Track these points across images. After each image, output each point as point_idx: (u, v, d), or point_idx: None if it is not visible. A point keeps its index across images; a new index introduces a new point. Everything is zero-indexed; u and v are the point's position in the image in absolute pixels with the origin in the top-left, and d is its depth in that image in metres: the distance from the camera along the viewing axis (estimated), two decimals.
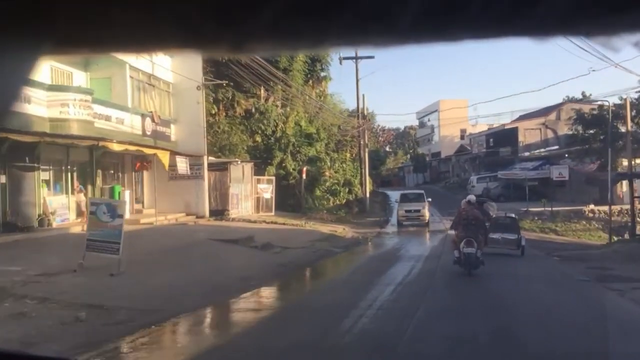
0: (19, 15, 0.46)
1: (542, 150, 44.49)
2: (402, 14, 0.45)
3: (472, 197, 14.24)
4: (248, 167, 29.77)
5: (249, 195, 29.73)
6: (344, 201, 38.85)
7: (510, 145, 48.52)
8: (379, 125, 54.10)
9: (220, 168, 27.66)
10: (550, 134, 47.26)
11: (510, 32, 0.48)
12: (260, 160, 33.48)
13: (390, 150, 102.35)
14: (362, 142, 39.58)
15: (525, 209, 33.21)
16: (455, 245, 13.24)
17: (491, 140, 55.38)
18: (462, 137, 73.52)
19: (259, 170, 32.30)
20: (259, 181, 30.51)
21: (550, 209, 33.71)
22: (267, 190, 30.49)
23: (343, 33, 0.47)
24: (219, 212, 26.65)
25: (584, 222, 31.76)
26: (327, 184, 38.73)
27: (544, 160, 41.96)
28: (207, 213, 26.02)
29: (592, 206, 33.51)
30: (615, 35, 0.47)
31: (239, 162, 28.75)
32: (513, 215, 21.14)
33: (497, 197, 43.58)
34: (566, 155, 38.69)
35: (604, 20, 0.46)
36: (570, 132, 45.97)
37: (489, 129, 54.27)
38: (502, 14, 0.46)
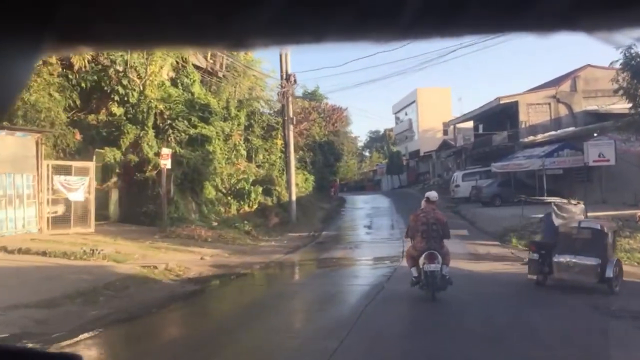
0: (18, 10, 0.45)
1: (553, 133, 30.98)
2: (403, 10, 0.45)
3: (432, 194, 10.23)
4: (29, 142, 15.85)
5: (35, 196, 15.86)
6: (255, 208, 25.15)
7: (508, 128, 35.05)
8: (327, 103, 40.31)
9: None
10: (563, 111, 33.93)
11: (511, 28, 0.48)
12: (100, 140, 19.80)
13: (369, 154, 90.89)
14: (286, 118, 25.91)
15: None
16: (412, 262, 9.74)
17: (481, 126, 41.96)
18: (445, 133, 60.87)
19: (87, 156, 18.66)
20: (58, 171, 16.66)
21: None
22: (76, 189, 16.67)
23: (344, 28, 0.47)
24: None
25: None
26: (232, 181, 25.03)
27: (560, 142, 28.48)
28: None
29: None
30: (617, 30, 0.47)
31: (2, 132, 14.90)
32: (596, 226, 11.10)
33: (491, 198, 30.10)
34: (595, 134, 25.16)
35: (606, 16, 0.46)
36: (594, 109, 32.67)
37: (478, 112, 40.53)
38: (503, 9, 0.46)
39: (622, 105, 32.69)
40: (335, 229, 25.96)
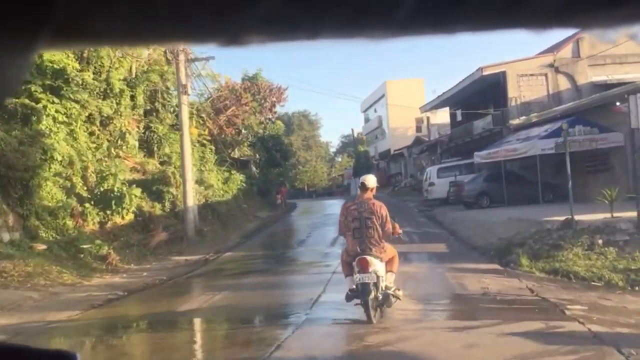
0: (13, 5, 0.45)
1: (557, 109, 23.28)
2: (398, 6, 0.46)
3: (368, 178, 7.52)
4: None
5: None
6: (131, 218, 16.93)
7: (493, 107, 27.32)
8: (262, 82, 32.21)
9: None
10: (564, 83, 26.31)
11: (507, 25, 0.49)
12: None
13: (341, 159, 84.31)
14: (180, 89, 17.76)
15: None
16: (347, 269, 7.42)
17: (459, 112, 34.30)
18: (418, 129, 53.63)
19: None
20: None
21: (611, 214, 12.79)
22: None
23: (339, 25, 0.48)
24: None
25: None
26: (93, 180, 16.83)
27: (566, 118, 20.78)
28: None
29: None
30: (612, 27, 0.48)
31: None
32: None
33: (476, 198, 22.28)
34: (618, 103, 17.41)
35: (600, 13, 0.47)
36: (603, 79, 25.15)
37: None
38: (499, 6, 0.47)
39: (638, 74, 25.46)
40: (252, 247, 17.85)
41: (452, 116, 36.36)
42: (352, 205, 7.36)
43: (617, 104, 17.67)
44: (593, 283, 10.40)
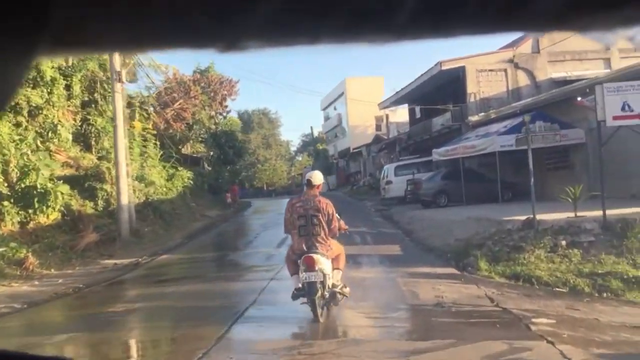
0: (12, 11, 0.45)
1: (516, 104, 22.53)
2: (398, 10, 0.46)
3: (314, 174, 7.27)
4: None
5: None
6: (56, 218, 15.32)
7: (453, 103, 26.48)
8: (212, 75, 30.68)
9: None
10: (523, 79, 25.66)
11: (506, 27, 0.49)
12: None
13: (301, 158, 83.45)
14: (113, 76, 16.19)
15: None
16: (293, 267, 7.18)
17: (418, 109, 33.47)
18: (378, 128, 52.89)
19: None
20: None
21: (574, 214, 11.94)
22: None
23: (338, 30, 0.48)
24: None
25: None
26: (14, 173, 15.18)
27: (526, 113, 20.05)
28: None
29: None
30: (610, 30, 0.48)
31: None
32: None
33: (434, 196, 21.40)
34: (579, 98, 16.73)
35: (599, 16, 0.47)
36: (562, 76, 24.65)
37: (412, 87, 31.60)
38: (499, 9, 0.47)
39: (598, 70, 25.00)
40: (193, 248, 16.42)
41: (411, 113, 35.53)
42: (298, 202, 7.15)
43: (579, 98, 17.00)
44: (557, 289, 9.47)
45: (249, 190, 64.19)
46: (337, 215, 7.16)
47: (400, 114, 46.87)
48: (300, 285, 6.93)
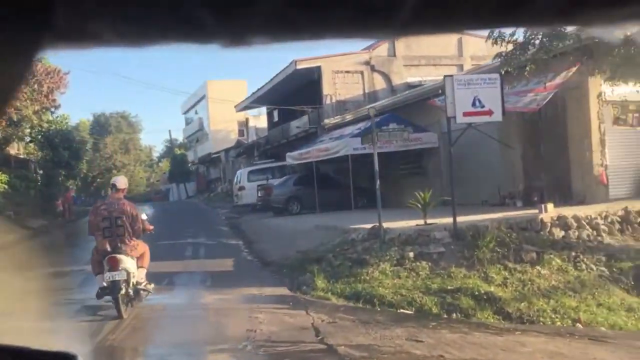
0: (15, 6, 0.46)
1: (366, 108, 21.53)
2: (402, 5, 0.46)
3: (119, 179, 8.06)
4: None
5: None
6: None
7: (310, 106, 25.06)
8: (39, 65, 26.91)
9: None
10: (380, 83, 24.92)
11: (511, 22, 0.50)
12: None
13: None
14: None
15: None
16: (98, 267, 7.58)
17: (276, 112, 31.95)
18: (241, 133, 50.98)
19: None
20: None
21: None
22: None
23: (343, 25, 0.48)
24: None
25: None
26: None
27: (380, 116, 19.05)
28: None
29: (550, 209, 10.99)
30: (614, 25, 0.49)
31: None
32: None
33: (286, 203, 19.74)
34: (437, 99, 16.01)
35: (603, 11, 0.47)
36: (418, 80, 24.22)
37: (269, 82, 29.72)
38: (503, 3, 0.47)
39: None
40: None
41: (270, 116, 33.97)
42: (102, 206, 7.76)
43: (437, 99, 16.19)
44: (402, 310, 7.99)
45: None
46: (143, 216, 7.78)
47: (263, 119, 45.38)
48: (104, 284, 7.29)
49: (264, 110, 37.60)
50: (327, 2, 0.46)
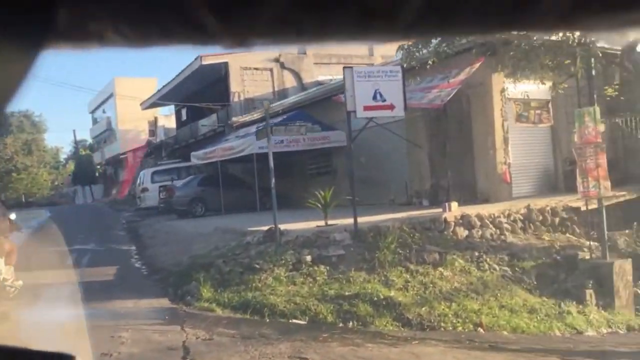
0: (18, 4, 0.46)
1: (274, 106, 20.78)
2: (405, 8, 0.46)
3: None
4: None
5: None
6: None
7: (219, 104, 23.95)
8: None
9: None
10: (290, 81, 24.22)
11: (512, 27, 0.50)
12: None
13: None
14: None
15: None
16: None
17: (184, 111, 30.61)
18: (151, 133, 48.89)
19: None
20: None
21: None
22: None
23: (346, 27, 0.48)
24: None
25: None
26: None
27: (289, 113, 18.31)
28: None
29: (454, 208, 10.66)
30: (617, 30, 0.49)
31: None
32: None
33: (190, 205, 18.58)
34: (343, 95, 15.39)
35: (606, 17, 0.47)
36: (328, 78, 23.69)
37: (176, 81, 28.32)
38: (506, 8, 0.47)
39: None
40: None
41: (178, 115, 32.52)
42: None
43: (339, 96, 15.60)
44: (294, 321, 7.23)
45: (7, 202, 55.43)
46: (12, 216, 8.32)
47: (173, 118, 43.63)
48: None
49: (166, 106, 36.06)
50: (329, 5, 0.45)
